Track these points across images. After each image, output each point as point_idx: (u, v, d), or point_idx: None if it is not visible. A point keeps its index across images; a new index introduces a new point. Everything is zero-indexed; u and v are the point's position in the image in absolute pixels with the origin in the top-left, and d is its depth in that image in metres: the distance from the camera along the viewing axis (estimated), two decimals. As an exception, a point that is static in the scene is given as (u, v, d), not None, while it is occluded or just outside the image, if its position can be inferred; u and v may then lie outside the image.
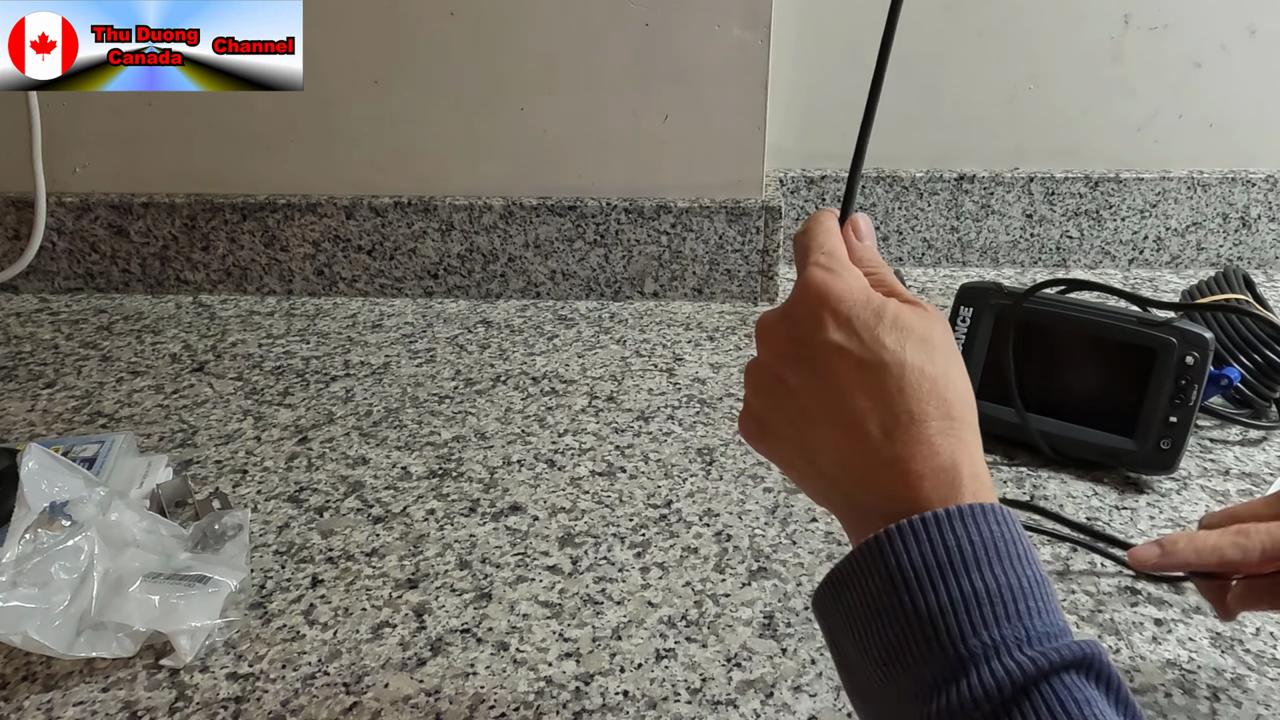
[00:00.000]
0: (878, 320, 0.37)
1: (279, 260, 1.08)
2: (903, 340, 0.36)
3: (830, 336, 0.37)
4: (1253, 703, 0.54)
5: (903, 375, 0.36)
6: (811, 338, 0.38)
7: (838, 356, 0.37)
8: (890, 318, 0.37)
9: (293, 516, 0.71)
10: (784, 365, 0.39)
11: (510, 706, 0.55)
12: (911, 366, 0.36)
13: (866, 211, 1.13)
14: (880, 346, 0.36)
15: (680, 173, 1.03)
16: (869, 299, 0.38)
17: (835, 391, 0.37)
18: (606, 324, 1.03)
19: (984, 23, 1.06)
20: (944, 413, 0.35)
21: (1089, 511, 0.71)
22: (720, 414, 0.85)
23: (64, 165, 1.06)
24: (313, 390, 0.90)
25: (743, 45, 0.98)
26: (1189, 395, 0.71)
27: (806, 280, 0.39)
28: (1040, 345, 0.76)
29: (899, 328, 0.37)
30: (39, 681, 0.57)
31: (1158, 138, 1.11)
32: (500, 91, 1.01)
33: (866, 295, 0.38)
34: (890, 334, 0.36)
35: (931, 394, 0.35)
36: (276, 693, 0.56)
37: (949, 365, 0.37)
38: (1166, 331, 0.71)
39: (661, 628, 0.60)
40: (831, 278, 0.39)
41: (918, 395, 0.35)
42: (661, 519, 0.71)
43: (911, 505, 0.34)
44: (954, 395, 0.36)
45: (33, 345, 0.99)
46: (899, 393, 0.35)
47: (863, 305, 0.37)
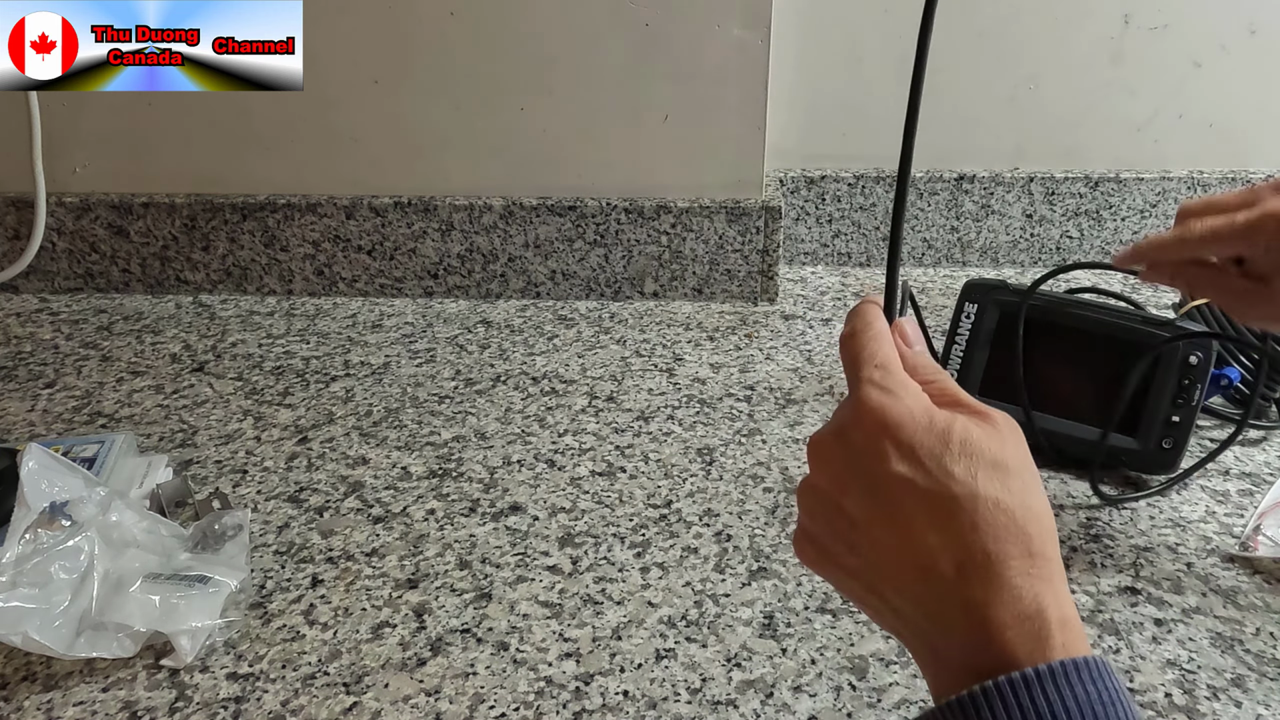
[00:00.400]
0: (944, 447, 0.34)
1: (279, 260, 1.08)
2: (973, 468, 0.33)
3: (893, 468, 0.34)
4: (1253, 703, 0.54)
5: (975, 509, 0.33)
6: (872, 468, 0.35)
7: (902, 489, 0.34)
8: (958, 442, 0.34)
9: (293, 516, 0.71)
10: (842, 494, 0.36)
11: (510, 706, 0.55)
12: (985, 499, 0.33)
13: (866, 212, 1.13)
14: (949, 478, 0.33)
15: (680, 173, 1.03)
16: (932, 422, 0.35)
17: (902, 526, 0.34)
18: (606, 324, 1.03)
19: (984, 23, 1.06)
20: (1024, 549, 0.32)
21: (1089, 511, 0.71)
22: (720, 414, 0.85)
23: (64, 165, 1.06)
24: (313, 390, 0.90)
25: (743, 45, 0.98)
26: (1192, 395, 0.71)
27: (862, 401, 0.36)
28: (1043, 343, 0.76)
29: (968, 453, 0.34)
30: (39, 681, 0.57)
31: (1158, 138, 1.11)
32: (500, 91, 1.01)
33: (930, 418, 0.35)
34: (959, 462, 0.33)
35: (1009, 529, 0.33)
36: (276, 693, 0.56)
37: (1026, 493, 0.34)
38: (1170, 331, 0.72)
39: (661, 628, 0.60)
40: (889, 399, 0.35)
41: (994, 532, 0.32)
42: (661, 519, 0.71)
43: (997, 660, 0.31)
44: (1035, 528, 0.33)
45: (33, 345, 0.99)
46: (972, 529, 0.33)
47: (926, 430, 0.34)
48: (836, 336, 0.98)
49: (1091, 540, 0.68)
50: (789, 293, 1.09)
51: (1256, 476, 0.75)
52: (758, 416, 0.84)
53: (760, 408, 0.86)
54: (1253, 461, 0.77)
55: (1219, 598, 0.62)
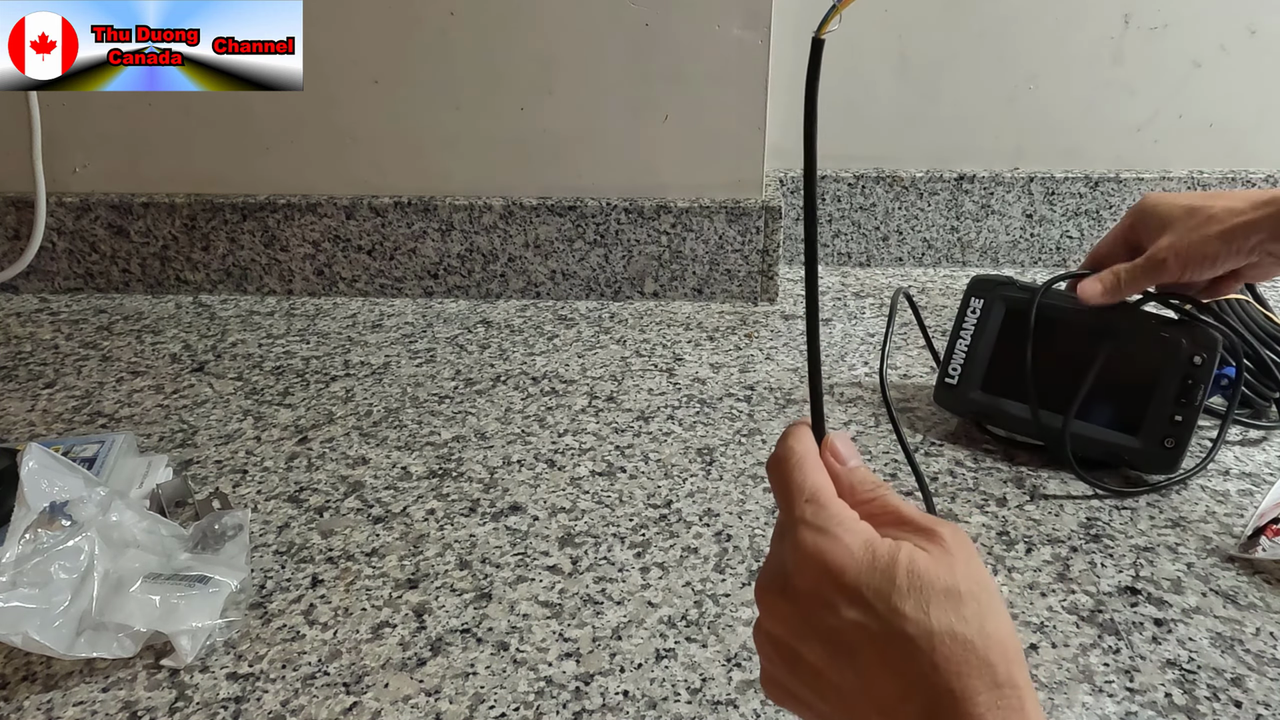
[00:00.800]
0: (891, 585, 0.32)
1: (279, 260, 1.08)
2: (924, 602, 0.32)
3: (844, 616, 0.33)
4: (1253, 703, 0.54)
5: (933, 648, 0.31)
6: (823, 619, 0.33)
7: (856, 637, 0.33)
8: (904, 575, 0.32)
9: (293, 516, 0.71)
10: (799, 642, 0.35)
11: (510, 706, 0.55)
12: (941, 634, 0.31)
13: (866, 212, 1.13)
14: (901, 618, 0.32)
15: (680, 173, 1.03)
16: (874, 559, 0.33)
17: (863, 674, 0.33)
18: (606, 324, 1.03)
19: (984, 23, 1.06)
20: (990, 681, 0.31)
21: (1089, 511, 0.71)
22: (720, 414, 0.85)
23: (64, 165, 1.06)
24: (313, 390, 0.90)
25: (743, 45, 0.98)
26: (1195, 395, 0.71)
27: (799, 547, 0.35)
28: (1047, 341, 0.76)
29: (917, 586, 0.32)
30: (39, 681, 0.57)
31: (1158, 138, 1.11)
32: (500, 91, 1.01)
33: (872, 554, 0.33)
34: (908, 599, 0.32)
35: (970, 662, 0.31)
36: (276, 693, 0.56)
37: (983, 617, 0.32)
38: (1175, 331, 0.71)
39: (661, 628, 0.60)
40: (826, 542, 0.34)
41: (955, 668, 0.31)
42: (661, 519, 0.71)
43: None
44: (997, 655, 0.31)
45: (33, 345, 0.99)
46: (933, 669, 0.31)
47: (869, 569, 0.33)
48: (836, 336, 0.99)
49: (1091, 540, 0.68)
50: (789, 293, 1.09)
51: (1256, 476, 0.75)
52: (758, 416, 0.84)
53: (760, 408, 0.86)
54: (1253, 461, 0.77)
55: (1219, 598, 0.62)
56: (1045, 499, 0.73)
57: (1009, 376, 0.77)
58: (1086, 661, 0.57)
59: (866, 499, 0.37)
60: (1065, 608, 0.61)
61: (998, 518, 0.70)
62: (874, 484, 0.37)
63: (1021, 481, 0.75)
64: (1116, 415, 0.74)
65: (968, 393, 0.79)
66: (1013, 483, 0.75)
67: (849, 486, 0.37)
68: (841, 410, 0.85)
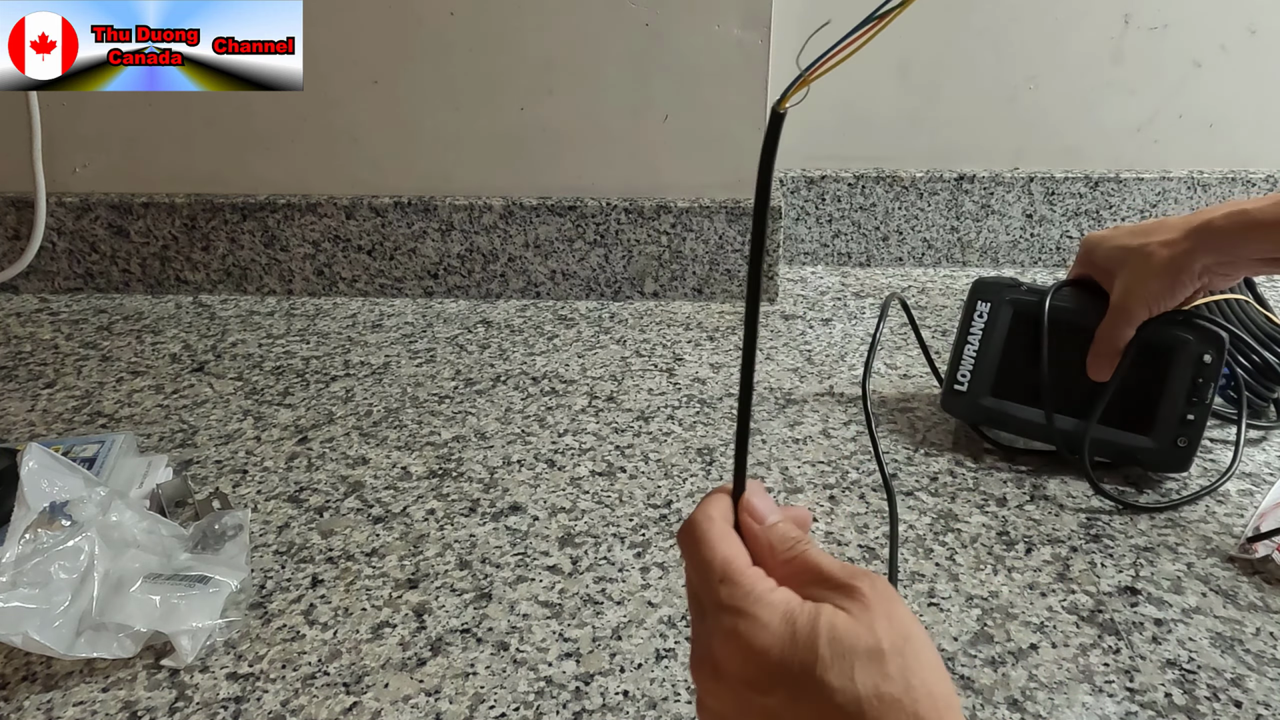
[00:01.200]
0: (814, 657, 0.33)
1: (279, 260, 1.08)
2: (847, 669, 0.32)
3: (773, 695, 0.33)
4: (1253, 703, 0.54)
5: (862, 713, 0.32)
6: (754, 700, 0.34)
7: (789, 713, 0.33)
8: (826, 644, 0.33)
9: (293, 516, 0.71)
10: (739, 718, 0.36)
11: (510, 706, 0.55)
12: (868, 699, 0.32)
13: (866, 212, 1.13)
14: (828, 690, 0.32)
15: (680, 173, 1.03)
16: (794, 634, 0.33)
17: None
18: (606, 324, 1.03)
19: (984, 23, 1.06)
20: None
21: (1089, 512, 0.71)
22: (720, 414, 0.85)
23: (64, 165, 1.06)
24: (313, 390, 0.90)
25: (743, 45, 0.98)
26: (1205, 393, 0.71)
27: (718, 630, 0.35)
28: (1055, 342, 0.76)
29: (840, 653, 0.33)
30: (39, 681, 0.57)
31: (1158, 138, 1.11)
32: (500, 91, 1.01)
33: (792, 630, 0.34)
34: (832, 668, 0.32)
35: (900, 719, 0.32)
36: (276, 693, 0.56)
37: (908, 671, 0.33)
38: (1183, 330, 0.71)
39: (661, 628, 0.60)
40: (745, 624, 0.34)
41: None
42: (661, 519, 0.71)
43: None
44: (925, 707, 0.32)
45: (33, 345, 0.99)
46: None
47: (791, 646, 0.33)
48: (836, 336, 0.99)
49: (1091, 540, 0.68)
50: (789, 293, 1.09)
51: (1256, 476, 0.75)
52: (758, 416, 0.84)
53: (760, 408, 0.86)
54: (1253, 461, 0.77)
55: (1219, 598, 0.62)
56: (1046, 499, 0.73)
57: (1019, 381, 0.76)
58: (1086, 661, 0.57)
59: (786, 558, 0.37)
60: (1065, 608, 0.61)
61: (998, 518, 0.70)
62: (793, 540, 0.37)
63: (1021, 481, 0.75)
64: (1127, 416, 0.73)
65: (979, 399, 0.78)
66: (1012, 483, 0.75)
67: (768, 546, 0.37)
68: (841, 410, 0.85)
